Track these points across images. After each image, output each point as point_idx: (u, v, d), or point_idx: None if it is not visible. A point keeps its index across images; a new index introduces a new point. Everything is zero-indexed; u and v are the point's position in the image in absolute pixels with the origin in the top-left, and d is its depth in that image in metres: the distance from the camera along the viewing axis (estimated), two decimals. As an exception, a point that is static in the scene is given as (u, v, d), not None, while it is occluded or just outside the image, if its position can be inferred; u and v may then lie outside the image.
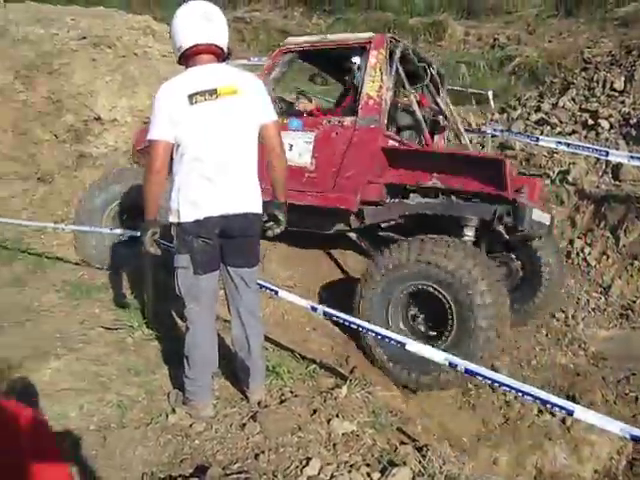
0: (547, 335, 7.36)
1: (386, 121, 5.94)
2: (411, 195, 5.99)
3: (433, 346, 5.13)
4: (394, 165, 5.89)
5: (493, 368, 6.57)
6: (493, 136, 9.68)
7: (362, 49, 6.11)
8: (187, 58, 3.98)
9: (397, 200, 5.99)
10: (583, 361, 7.03)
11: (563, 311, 7.61)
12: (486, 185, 5.51)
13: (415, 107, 6.18)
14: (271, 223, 4.12)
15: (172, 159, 3.90)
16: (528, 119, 10.67)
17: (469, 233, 5.67)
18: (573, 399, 6.36)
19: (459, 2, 20.40)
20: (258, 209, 4.04)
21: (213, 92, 3.82)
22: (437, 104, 6.42)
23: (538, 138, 9.05)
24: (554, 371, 6.88)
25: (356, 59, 6.36)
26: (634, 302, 7.64)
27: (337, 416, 4.02)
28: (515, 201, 5.49)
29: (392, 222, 6.11)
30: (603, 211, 8.50)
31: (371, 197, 5.88)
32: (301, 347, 5.13)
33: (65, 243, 6.99)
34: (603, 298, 7.84)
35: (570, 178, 8.90)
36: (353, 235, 6.32)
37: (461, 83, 14.51)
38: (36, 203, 8.84)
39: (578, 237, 8.52)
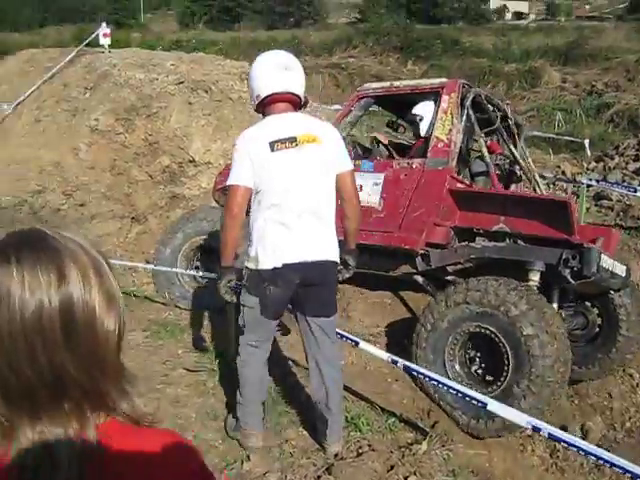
0: (643, 395, 6.98)
1: (455, 164, 5.94)
2: (477, 238, 5.97)
3: (488, 391, 5.03)
4: (461, 208, 5.87)
5: (583, 429, 6.39)
6: (589, 186, 9.40)
7: (435, 94, 6.16)
8: (264, 106, 4.08)
9: (464, 243, 5.94)
10: (682, 425, 6.63)
11: (661, 370, 7.22)
12: (552, 228, 5.44)
13: (484, 152, 6.14)
14: (340, 267, 4.16)
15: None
16: (626, 168, 10.35)
17: (534, 278, 5.49)
18: (670, 466, 6.03)
19: (556, 49, 20.26)
20: (336, 257, 4.06)
21: (293, 140, 3.90)
22: (512, 153, 6.30)
23: (636, 189, 8.74)
24: (650, 435, 6.52)
25: (416, 111, 6.38)
26: None
27: (415, 473, 3.89)
28: (582, 245, 5.32)
29: (459, 266, 6.05)
30: None
31: (437, 239, 5.84)
32: (381, 399, 5.01)
33: (150, 282, 7.11)
34: None
35: (669, 231, 8.53)
36: (420, 278, 6.25)
37: (556, 130, 14.30)
38: (130, 242, 9.08)
39: (677, 293, 8.10)
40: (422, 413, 5.14)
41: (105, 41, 11.89)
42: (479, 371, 5.39)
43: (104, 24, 12.05)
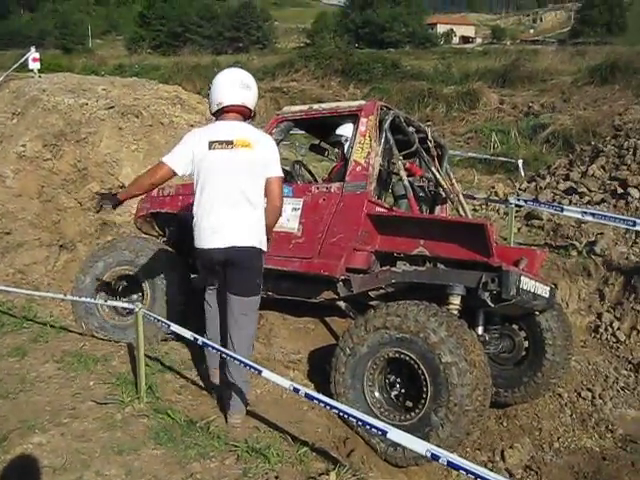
0: (572, 415, 6.96)
1: (374, 188, 5.91)
2: (398, 263, 5.90)
3: (407, 418, 5.01)
4: (381, 232, 5.81)
5: (503, 453, 6.35)
6: (518, 206, 9.45)
7: (354, 117, 6.12)
8: (220, 113, 4.83)
9: (384, 268, 5.88)
10: (610, 444, 6.61)
11: (589, 390, 7.21)
12: (470, 251, 5.41)
13: (402, 175, 6.09)
14: None
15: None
16: (557, 188, 10.46)
17: (455, 301, 5.45)
18: (599, 486, 6.01)
19: (495, 71, 20.56)
20: (253, 243, 4.69)
21: (230, 143, 4.68)
22: (434, 174, 6.28)
23: (562, 208, 8.82)
24: (578, 455, 6.49)
25: (341, 132, 6.40)
26: (666, 381, 7.21)
27: (319, 506, 3.77)
28: (501, 268, 5.28)
29: (381, 290, 5.98)
30: (633, 283, 8.13)
31: (357, 264, 5.78)
32: (295, 428, 4.87)
33: (71, 312, 6.90)
34: (633, 376, 7.41)
35: (598, 249, 8.58)
36: (342, 304, 6.19)
37: (492, 151, 14.46)
38: (57, 270, 8.84)
39: (607, 311, 8.15)
40: (338, 442, 5.02)
41: (34, 65, 11.72)
42: (399, 397, 5.30)
43: (33, 48, 11.90)
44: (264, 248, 4.81)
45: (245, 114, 4.85)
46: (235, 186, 4.67)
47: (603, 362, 7.63)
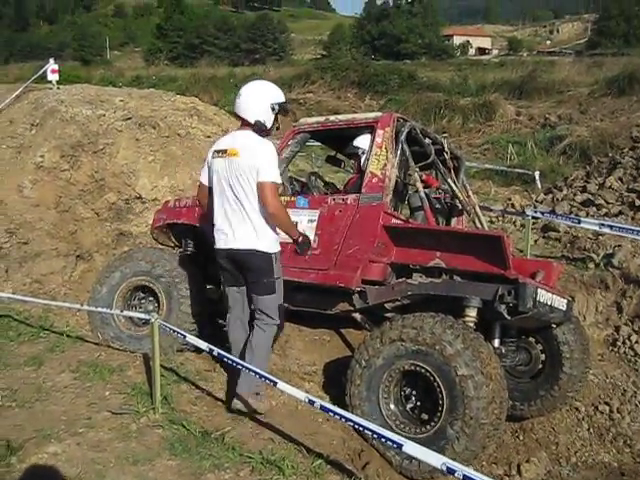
0: (589, 429, 6.88)
1: (390, 200, 5.91)
2: (414, 275, 5.88)
3: (422, 431, 4.97)
4: (397, 244, 5.79)
5: (519, 468, 6.29)
6: (535, 218, 9.41)
7: (370, 128, 6.13)
8: None
9: (400, 280, 5.85)
10: (628, 459, 6.53)
11: (607, 404, 7.14)
12: (487, 263, 5.37)
13: (419, 186, 6.09)
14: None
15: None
16: (574, 200, 10.42)
17: (471, 314, 5.43)
18: (615, 502, 5.94)
19: (511, 83, 20.53)
20: (255, 246, 5.08)
21: (224, 152, 5.14)
22: (450, 186, 6.26)
23: (580, 220, 8.77)
24: (596, 470, 6.42)
25: (358, 143, 6.40)
26: (684, 395, 7.12)
27: (334, 519, 3.75)
28: (517, 280, 5.25)
29: (397, 302, 5.92)
30: (652, 296, 8.07)
31: (373, 276, 5.76)
32: (310, 440, 4.85)
33: (87, 322, 6.93)
34: (651, 390, 7.35)
35: (615, 261, 8.51)
36: (358, 316, 6.17)
37: (509, 163, 14.42)
38: (74, 280, 8.88)
39: (625, 324, 8.07)
40: (353, 454, 5.00)
41: (53, 77, 11.77)
42: (415, 410, 5.26)
43: (52, 60, 11.94)
44: (268, 250, 5.13)
45: (245, 123, 5.25)
46: (230, 192, 5.10)
47: (621, 376, 7.55)
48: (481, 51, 78.39)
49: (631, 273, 8.37)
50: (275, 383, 4.26)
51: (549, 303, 5.65)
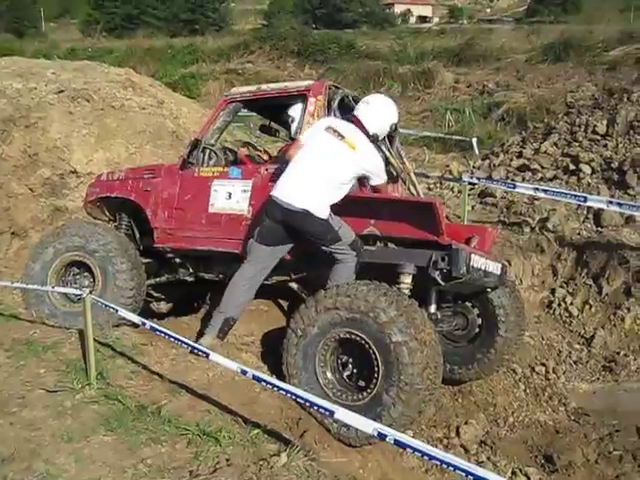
0: (525, 390, 7.05)
1: None
2: None
3: (359, 398, 4.99)
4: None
5: (458, 430, 6.41)
6: (471, 184, 9.50)
7: (302, 97, 6.11)
8: None
9: None
10: (563, 417, 6.73)
11: (543, 364, 7.31)
12: (420, 230, 5.40)
13: None
14: None
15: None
16: (510, 165, 10.53)
17: (406, 280, 5.46)
18: (551, 459, 6.09)
19: (450, 50, 20.63)
20: (307, 207, 5.32)
21: (342, 137, 5.46)
22: (384, 153, 6.27)
23: (515, 185, 8.88)
24: (532, 429, 6.59)
25: (291, 112, 6.34)
26: (618, 354, 7.32)
27: (270, 487, 3.76)
28: (450, 246, 5.31)
29: None
30: (585, 259, 8.25)
31: (307, 245, 5.71)
32: (247, 410, 4.84)
33: (22, 300, 6.79)
34: (585, 350, 7.53)
35: (550, 225, 8.67)
36: (294, 285, 6.22)
37: (447, 130, 14.52)
38: (10, 258, 8.69)
39: (560, 286, 8.25)
40: (291, 423, 5.00)
41: (-19, 50, 11.40)
42: (351, 377, 5.28)
43: (-21, 32, 11.55)
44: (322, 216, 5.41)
45: (360, 126, 5.64)
46: (319, 164, 5.49)
47: (556, 337, 7.74)
48: (422, 19, 78.32)
49: (565, 236, 8.54)
50: (207, 355, 4.24)
51: (483, 268, 5.71)
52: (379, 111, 5.72)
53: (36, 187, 9.45)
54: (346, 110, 6.19)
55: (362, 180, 5.73)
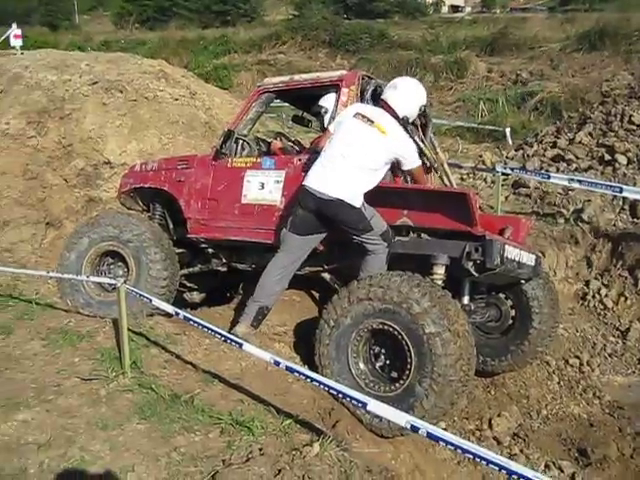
0: (559, 383, 6.98)
1: None
2: None
3: (391, 389, 4.98)
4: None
5: (490, 422, 6.37)
6: (505, 174, 9.41)
7: (335, 87, 6.08)
8: None
9: None
10: (598, 411, 6.64)
11: (577, 357, 7.23)
12: (454, 221, 5.35)
13: None
14: None
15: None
16: (544, 155, 10.41)
17: (439, 271, 5.43)
18: (585, 452, 6.03)
19: (483, 40, 20.44)
20: (342, 197, 5.30)
21: (371, 121, 5.43)
22: (417, 144, 6.23)
23: (549, 176, 8.77)
24: (566, 422, 6.52)
25: (323, 102, 6.31)
26: (654, 346, 7.23)
27: (303, 478, 3.77)
28: (484, 237, 5.26)
29: None
30: (620, 250, 8.13)
31: (340, 236, 5.69)
32: (280, 400, 4.86)
33: (57, 289, 6.87)
34: (620, 342, 7.44)
35: (585, 216, 8.56)
36: (327, 276, 6.22)
37: (480, 120, 14.39)
38: (45, 248, 8.81)
39: (594, 278, 8.15)
40: (323, 413, 5.01)
41: (16, 42, 11.57)
42: (384, 368, 5.26)
43: (14, 25, 11.71)
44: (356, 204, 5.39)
45: (389, 110, 5.63)
46: (348, 150, 5.47)
47: (591, 329, 7.65)
48: (454, 9, 77.64)
49: (600, 227, 8.43)
50: (241, 345, 4.25)
51: (517, 259, 5.66)
52: (407, 93, 5.69)
53: (70, 178, 9.57)
54: (379, 101, 6.17)
55: (396, 167, 5.69)
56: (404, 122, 5.64)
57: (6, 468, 3.82)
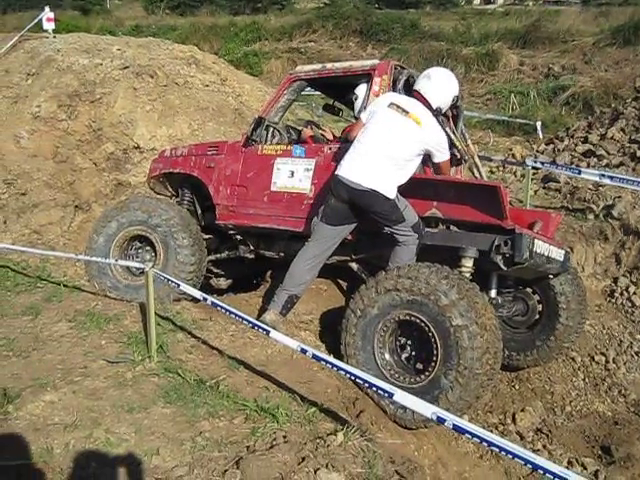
0: (584, 379, 6.93)
1: None
2: None
3: (417, 381, 4.98)
4: None
5: (514, 416, 6.34)
6: (535, 168, 9.33)
7: (367, 76, 6.05)
8: None
9: None
10: (622, 409, 6.60)
11: (603, 354, 7.17)
12: (484, 214, 5.32)
13: None
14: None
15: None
16: (575, 150, 10.32)
17: (467, 264, 5.40)
18: (608, 450, 5.99)
19: (515, 32, 20.25)
20: (376, 187, 5.28)
21: (406, 112, 5.39)
22: (448, 136, 6.18)
23: (580, 171, 8.69)
24: (590, 419, 6.49)
25: (356, 91, 6.29)
26: (681, 346, 7.14)
27: (326, 466, 3.76)
28: (514, 231, 5.22)
29: None
30: (650, 248, 8.04)
31: (370, 226, 5.68)
32: (305, 388, 4.86)
33: (84, 272, 6.93)
34: (648, 340, 7.37)
35: (615, 213, 8.46)
36: (354, 265, 6.20)
37: (511, 113, 14.28)
38: (73, 230, 8.88)
39: (623, 275, 8.06)
40: (348, 402, 5.00)
41: (49, 26, 11.59)
42: (409, 359, 5.26)
43: (47, 8, 11.73)
44: (390, 195, 5.37)
45: (422, 100, 5.58)
46: (383, 141, 5.44)
47: (618, 326, 7.57)
48: (486, 0, 77.02)
49: (630, 224, 8.33)
50: (268, 332, 4.26)
51: (546, 254, 5.62)
52: (440, 84, 5.63)
53: (100, 162, 9.64)
54: (411, 91, 6.14)
55: (425, 158, 5.66)
56: (437, 113, 5.59)
57: (33, 448, 3.85)
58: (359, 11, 26.02)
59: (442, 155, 5.56)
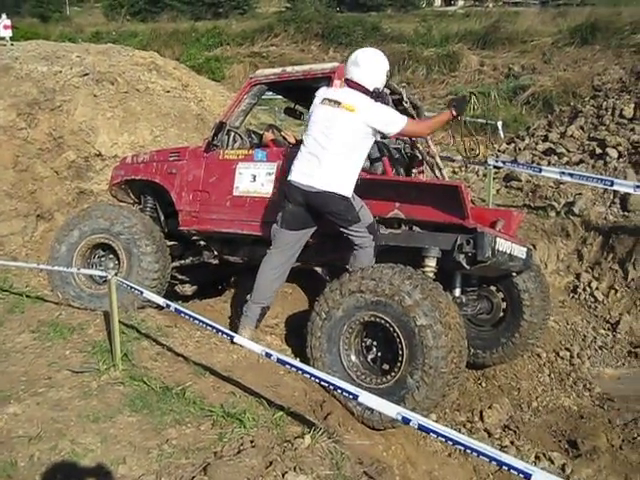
0: (550, 375, 7.03)
1: None
2: None
3: (383, 382, 4.99)
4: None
5: (482, 414, 6.39)
6: (497, 167, 9.43)
7: (327, 79, 6.01)
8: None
9: None
10: (588, 402, 6.70)
11: (568, 349, 7.27)
12: (446, 213, 5.36)
13: (377, 137, 6.01)
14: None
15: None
16: (535, 149, 10.45)
17: (431, 264, 5.44)
18: (575, 444, 6.06)
19: (475, 33, 20.47)
20: (332, 189, 5.28)
21: (337, 103, 5.36)
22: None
23: (541, 169, 8.81)
24: (557, 413, 6.57)
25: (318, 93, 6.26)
26: (644, 339, 7.27)
27: (294, 469, 3.76)
28: (475, 230, 5.26)
29: None
30: (611, 243, 8.19)
31: (332, 229, 5.67)
32: (271, 392, 4.85)
33: (47, 282, 6.85)
34: (611, 335, 7.51)
35: (576, 209, 8.60)
36: (319, 268, 6.22)
37: (472, 113, 14.40)
38: (36, 240, 8.78)
39: (585, 271, 8.19)
40: (315, 405, 5.00)
41: (6, 33, 11.47)
42: (375, 360, 5.27)
43: (4, 16, 11.60)
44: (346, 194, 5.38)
45: (355, 86, 5.48)
46: (322, 137, 5.40)
47: (581, 322, 7.70)
48: (447, 2, 77.47)
49: (591, 221, 8.47)
50: (232, 338, 4.25)
51: (508, 252, 5.67)
52: (369, 66, 5.53)
53: (61, 170, 9.52)
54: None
55: (378, 137, 5.65)
56: (377, 94, 5.51)
57: (-4, 461, 3.81)
58: (320, 15, 26.18)
59: (394, 126, 5.42)
